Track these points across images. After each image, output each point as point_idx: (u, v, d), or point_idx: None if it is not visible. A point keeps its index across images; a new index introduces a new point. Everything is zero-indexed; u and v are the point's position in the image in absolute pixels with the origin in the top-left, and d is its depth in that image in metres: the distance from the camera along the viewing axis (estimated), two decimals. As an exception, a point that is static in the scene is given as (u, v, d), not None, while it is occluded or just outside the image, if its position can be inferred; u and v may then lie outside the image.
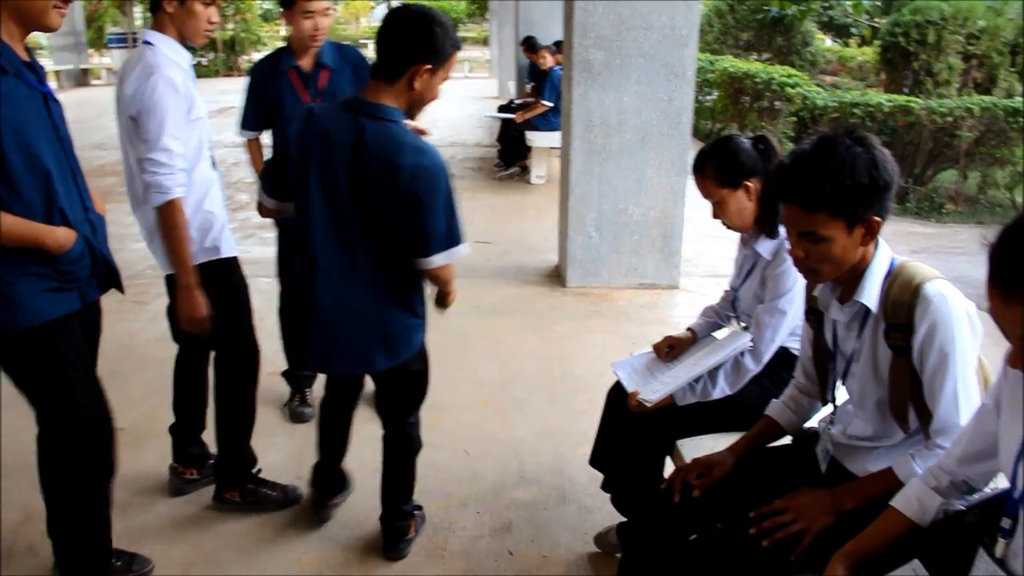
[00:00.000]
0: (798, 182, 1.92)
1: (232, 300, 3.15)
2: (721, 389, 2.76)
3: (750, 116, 12.68)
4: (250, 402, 3.34)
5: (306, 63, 3.85)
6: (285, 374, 4.30)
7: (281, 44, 4.02)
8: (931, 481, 1.85)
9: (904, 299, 1.94)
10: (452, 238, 2.61)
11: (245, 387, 3.30)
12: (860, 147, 1.89)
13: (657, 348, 3.11)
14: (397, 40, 2.48)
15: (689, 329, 3.15)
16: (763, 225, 2.77)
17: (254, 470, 3.45)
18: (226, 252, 3.13)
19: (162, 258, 2.99)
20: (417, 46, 2.47)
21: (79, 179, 2.52)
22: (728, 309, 3.11)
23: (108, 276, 2.65)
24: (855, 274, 2.02)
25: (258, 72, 3.89)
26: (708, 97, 14.24)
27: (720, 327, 3.17)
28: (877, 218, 1.92)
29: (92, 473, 2.65)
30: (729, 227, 2.81)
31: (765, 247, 2.76)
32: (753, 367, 2.75)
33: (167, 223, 2.86)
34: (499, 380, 4.60)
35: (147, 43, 2.92)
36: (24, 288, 2.35)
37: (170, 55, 2.91)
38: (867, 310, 2.03)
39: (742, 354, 2.78)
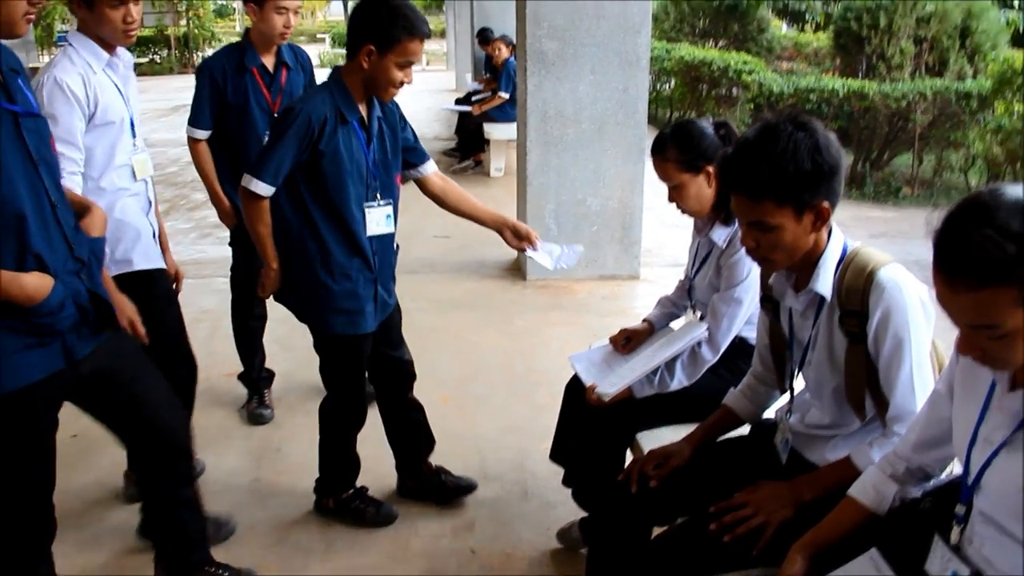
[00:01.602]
0: (742, 171, 1.90)
1: (153, 314, 2.83)
2: (679, 380, 2.75)
3: (708, 104, 12.74)
4: (187, 410, 3.22)
5: (269, 61, 3.78)
6: (242, 376, 4.23)
7: (236, 39, 3.92)
8: (887, 469, 1.84)
9: (858, 285, 1.93)
10: (252, 166, 2.78)
11: (184, 398, 3.18)
12: (802, 132, 1.87)
13: (614, 341, 3.09)
14: (352, 21, 2.73)
15: (646, 320, 3.13)
16: (718, 212, 2.75)
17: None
18: (139, 264, 3.01)
19: None
20: (362, 27, 2.68)
21: (61, 213, 2.14)
22: (684, 299, 3.09)
23: (103, 319, 2.27)
24: (809, 261, 2.01)
25: (218, 68, 3.74)
26: (666, 85, 14.29)
27: (676, 317, 3.15)
28: (826, 203, 1.90)
29: (33, 535, 2.32)
30: (684, 211, 2.78)
31: (720, 235, 2.74)
32: (710, 357, 2.74)
33: None
34: (460, 376, 4.57)
35: (66, 42, 2.87)
36: None
37: (86, 56, 2.84)
38: (822, 298, 2.02)
39: (699, 344, 2.76)
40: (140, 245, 3.02)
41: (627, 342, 3.04)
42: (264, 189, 2.75)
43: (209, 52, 29.08)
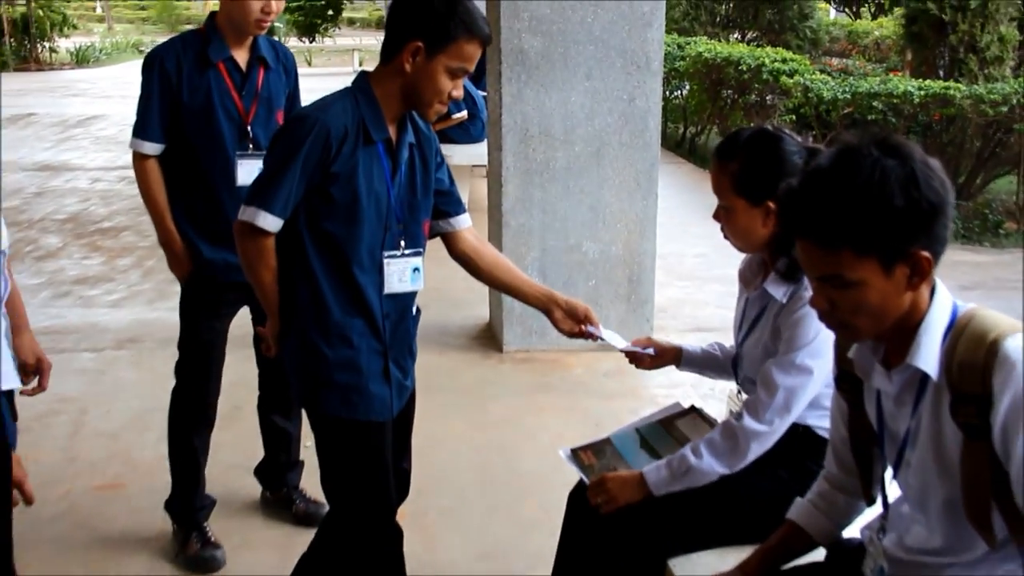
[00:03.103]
0: (812, 211, 1.94)
1: None
2: (710, 465, 2.75)
3: (734, 115, 12.89)
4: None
5: (241, 56, 3.78)
6: (169, 505, 4.14)
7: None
8: None
9: (976, 361, 1.93)
10: (251, 194, 2.84)
11: None
12: (893, 159, 1.90)
13: (637, 343, 3.23)
14: (394, 13, 2.80)
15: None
16: (777, 259, 2.80)
17: None
18: None
19: None
20: (410, 19, 2.74)
21: None
22: (726, 368, 3.18)
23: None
24: (905, 329, 2.02)
25: (172, 61, 3.71)
26: (676, 92, 14.47)
27: (716, 367, 3.24)
28: (925, 253, 1.93)
29: None
30: (728, 239, 2.86)
31: (778, 287, 2.79)
32: (758, 428, 2.73)
33: None
34: (418, 484, 4.46)
35: None
36: None
37: None
38: (924, 377, 2.02)
39: (738, 415, 2.78)
40: None
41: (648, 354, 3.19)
42: (272, 223, 2.79)
43: (61, 42, 28.96)
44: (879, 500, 2.29)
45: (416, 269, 2.99)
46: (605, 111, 5.90)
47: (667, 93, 14.89)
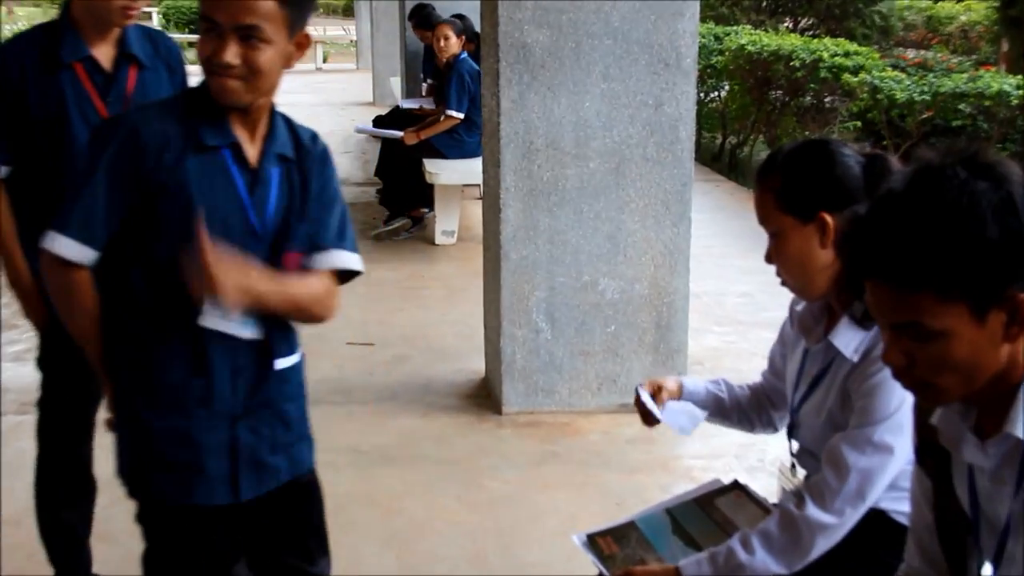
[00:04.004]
0: (883, 246, 1.93)
1: None
2: (764, 564, 2.72)
3: (784, 121, 12.93)
4: None
5: (104, 53, 3.76)
6: None
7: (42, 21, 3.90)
8: None
9: None
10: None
11: None
12: (984, 181, 1.89)
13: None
14: None
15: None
16: (847, 300, 2.78)
17: None
18: None
19: None
20: None
21: None
22: (757, 407, 3.21)
23: None
24: (1002, 389, 2.01)
25: (14, 64, 3.67)
26: (714, 93, 14.53)
27: (720, 416, 3.27)
28: (1025, 296, 1.93)
29: None
30: (785, 284, 2.84)
31: (847, 340, 2.76)
32: (825, 521, 2.71)
33: None
34: (400, 577, 4.55)
35: None
36: None
37: None
38: (1028, 448, 2.03)
39: (799, 501, 2.75)
40: None
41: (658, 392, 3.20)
42: (73, 251, 2.77)
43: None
44: None
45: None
46: (626, 119, 5.91)
47: (702, 96, 14.95)
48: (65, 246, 2.73)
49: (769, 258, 2.80)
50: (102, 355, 2.90)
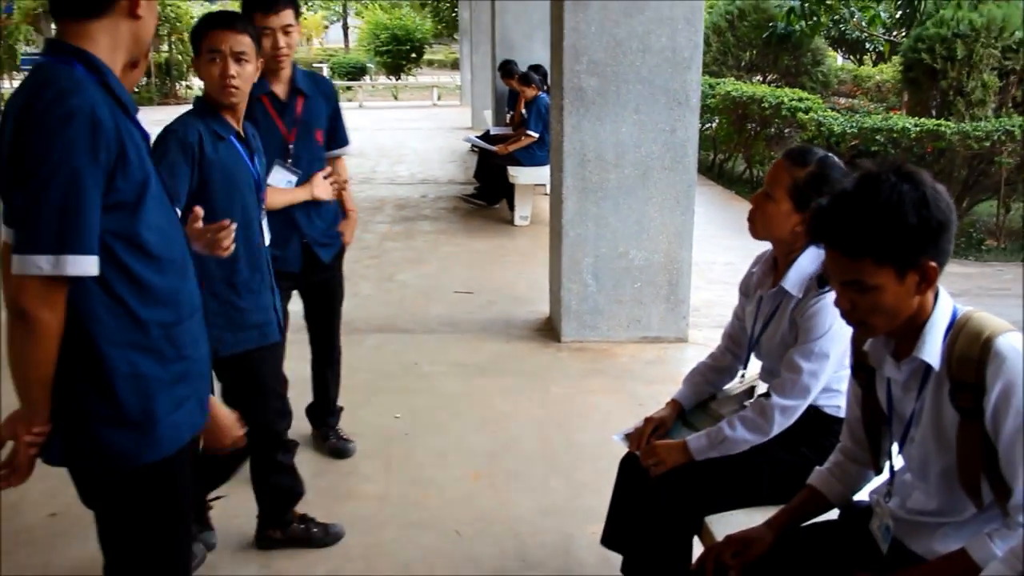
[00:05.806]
0: (839, 226, 1.97)
1: None
2: (742, 436, 2.78)
3: (757, 145, 12.87)
4: None
5: (280, 89, 3.86)
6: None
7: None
8: (1016, 566, 1.85)
9: (972, 355, 1.97)
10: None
11: None
12: (907, 184, 1.94)
13: (640, 435, 3.06)
14: None
15: (673, 401, 3.18)
16: (792, 261, 2.80)
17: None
18: None
19: None
20: None
21: None
22: (729, 363, 3.18)
23: None
24: (912, 327, 2.05)
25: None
26: (708, 124, 14.45)
27: (711, 394, 3.21)
28: (932, 263, 1.96)
29: None
30: (752, 227, 2.82)
31: (792, 282, 2.78)
32: (784, 403, 2.75)
33: None
34: (491, 449, 4.59)
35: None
36: None
37: None
38: (928, 367, 2.06)
39: (767, 394, 2.79)
40: None
41: (656, 431, 3.05)
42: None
43: (195, 80, 29.49)
44: (886, 470, 2.30)
45: None
46: (650, 140, 5.91)
47: (701, 126, 14.87)
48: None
49: (757, 200, 2.78)
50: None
